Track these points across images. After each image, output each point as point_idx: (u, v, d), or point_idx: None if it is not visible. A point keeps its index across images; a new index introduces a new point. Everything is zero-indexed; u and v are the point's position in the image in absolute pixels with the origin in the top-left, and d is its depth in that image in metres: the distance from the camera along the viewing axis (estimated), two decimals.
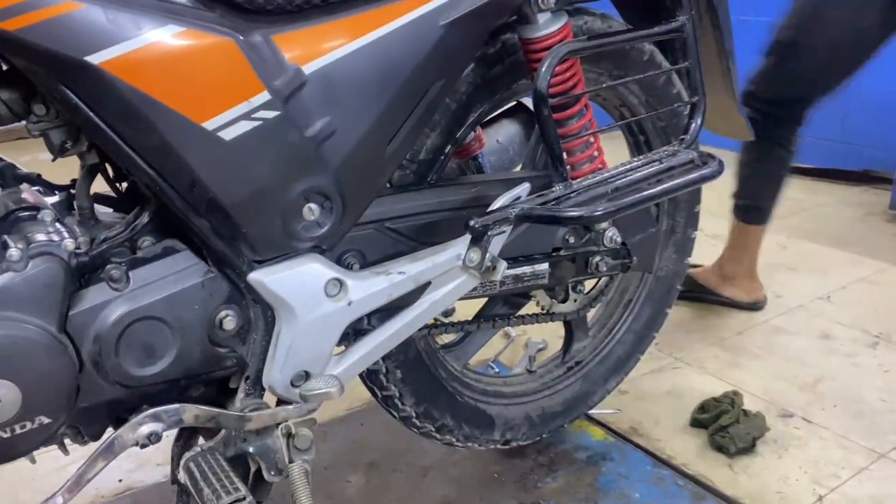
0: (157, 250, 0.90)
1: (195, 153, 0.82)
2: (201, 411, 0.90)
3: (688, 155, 1.14)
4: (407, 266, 1.01)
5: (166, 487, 1.39)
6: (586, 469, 1.47)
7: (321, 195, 0.90)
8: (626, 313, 1.53)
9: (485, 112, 1.20)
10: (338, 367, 0.98)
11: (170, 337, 0.88)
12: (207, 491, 0.84)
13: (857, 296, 2.22)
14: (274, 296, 0.91)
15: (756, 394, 1.72)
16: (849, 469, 1.48)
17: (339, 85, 0.88)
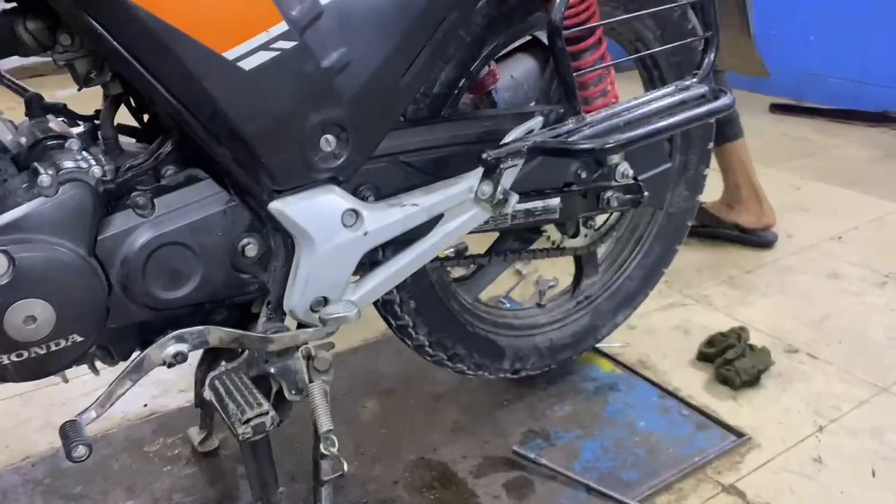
0: (180, 179, 0.93)
1: (216, 83, 0.84)
2: (225, 333, 0.94)
3: (700, 89, 1.15)
4: (420, 198, 1.04)
5: (190, 411, 1.45)
6: (593, 399, 1.52)
7: (337, 126, 0.92)
8: (636, 249, 1.56)
9: (499, 46, 1.21)
10: (354, 294, 1.02)
11: (194, 262, 0.92)
12: (232, 406, 0.89)
13: (868, 236, 2.23)
14: (293, 224, 0.94)
15: (763, 330, 1.75)
16: (850, 402, 1.52)
17: (354, 16, 0.89)
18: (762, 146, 3.01)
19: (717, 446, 1.39)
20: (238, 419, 0.87)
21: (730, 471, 1.34)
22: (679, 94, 1.16)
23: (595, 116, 1.09)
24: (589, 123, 1.08)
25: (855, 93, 3.35)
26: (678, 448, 1.39)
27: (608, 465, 1.34)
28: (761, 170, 2.76)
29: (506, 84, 1.40)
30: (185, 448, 1.40)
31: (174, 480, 1.33)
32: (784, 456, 1.37)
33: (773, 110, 3.44)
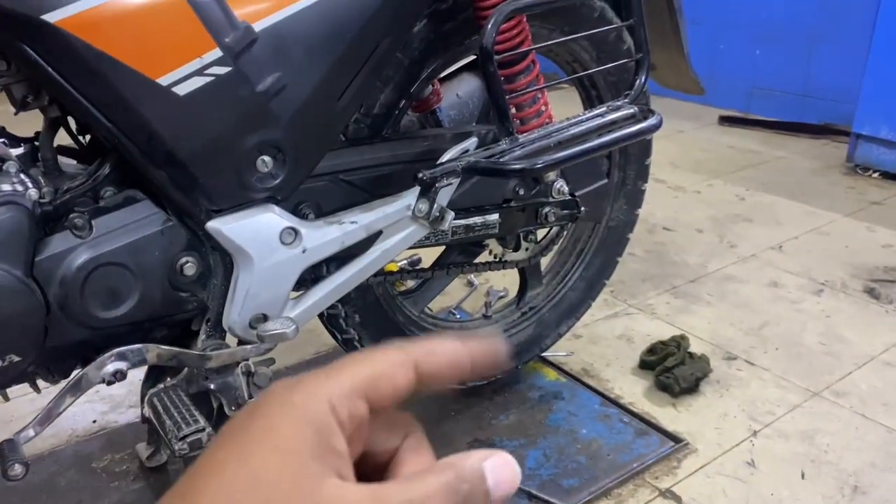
0: (118, 200, 0.95)
1: (151, 108, 0.87)
2: (164, 351, 0.96)
3: (629, 109, 1.20)
4: (359, 216, 1.07)
5: (138, 427, 1.46)
6: (538, 407, 1.56)
7: (274, 148, 0.95)
8: (578, 261, 1.61)
9: (438, 67, 1.25)
10: (294, 310, 1.04)
11: (132, 282, 0.94)
12: (169, 423, 0.91)
13: (808, 246, 2.31)
14: (231, 243, 0.97)
15: (703, 337, 1.81)
16: (783, 407, 1.58)
17: (288, 41, 0.92)
18: (710, 157, 3.11)
19: (655, 452, 1.44)
20: (174, 436, 0.89)
21: (667, 475, 1.39)
22: (610, 114, 1.20)
23: (528, 137, 1.14)
24: (521, 144, 1.12)
25: (799, 106, 3.45)
26: (618, 454, 1.43)
27: (550, 473, 1.38)
28: (708, 180, 2.85)
29: (451, 103, 1.44)
30: (133, 464, 1.41)
31: (122, 496, 1.33)
32: (719, 460, 1.43)
33: (722, 122, 3.53)
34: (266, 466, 0.30)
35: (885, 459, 1.42)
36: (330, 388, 0.32)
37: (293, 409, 0.32)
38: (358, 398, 0.33)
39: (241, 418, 0.33)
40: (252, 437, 0.31)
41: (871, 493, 1.34)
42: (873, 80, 2.74)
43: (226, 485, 0.30)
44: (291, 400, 0.32)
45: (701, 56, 1.61)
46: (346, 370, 0.33)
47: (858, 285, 2.07)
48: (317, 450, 0.31)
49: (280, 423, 0.31)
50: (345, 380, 0.33)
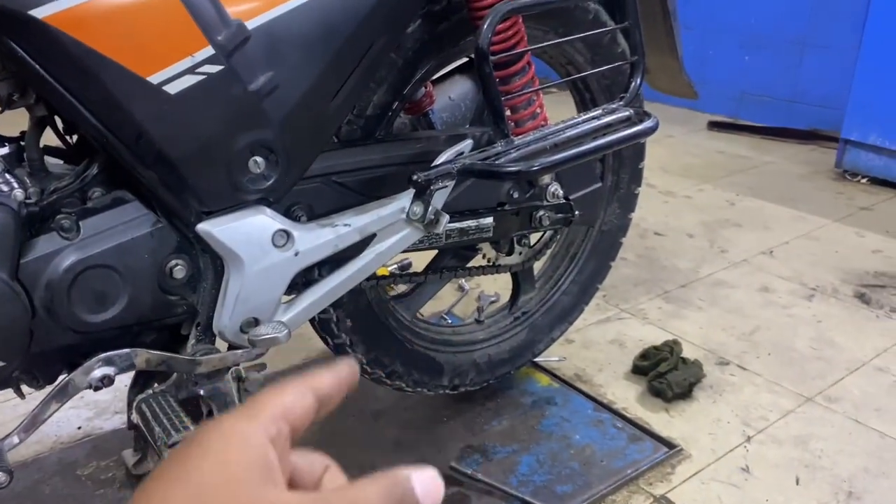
0: (106, 201, 0.92)
1: (141, 107, 0.85)
2: (152, 355, 0.94)
3: (625, 112, 1.19)
4: (353, 218, 1.05)
5: (124, 433, 1.44)
6: (530, 413, 1.55)
7: (266, 149, 0.93)
8: (571, 265, 1.60)
9: (432, 69, 1.23)
10: (286, 314, 1.02)
11: (120, 284, 0.91)
12: (158, 430, 0.89)
13: (798, 251, 2.32)
14: (222, 246, 0.95)
15: (695, 343, 1.80)
16: (777, 412, 1.57)
17: (282, 40, 0.90)
18: (700, 163, 3.11)
19: (649, 458, 1.43)
20: (164, 442, 0.87)
21: (661, 482, 1.38)
22: (605, 116, 1.20)
23: (523, 139, 1.12)
24: (517, 146, 1.10)
25: (788, 111, 3.47)
26: (612, 460, 1.42)
27: (543, 479, 1.37)
28: (698, 185, 2.85)
29: (443, 105, 1.43)
30: (119, 471, 1.38)
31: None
32: (713, 466, 1.42)
33: (711, 128, 3.54)
34: (212, 480, 0.33)
35: (878, 465, 1.42)
36: (256, 413, 0.36)
37: (228, 431, 0.35)
38: (281, 421, 0.36)
39: (181, 448, 0.35)
40: (192, 456, 0.34)
41: (864, 498, 1.34)
42: (862, 87, 2.76)
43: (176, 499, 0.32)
44: (223, 426, 0.35)
45: (691, 61, 1.60)
46: (261, 403, 0.37)
47: (849, 290, 2.07)
48: (256, 463, 0.34)
49: (218, 443, 0.34)
50: (266, 407, 0.37)
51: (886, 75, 2.68)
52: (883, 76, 2.69)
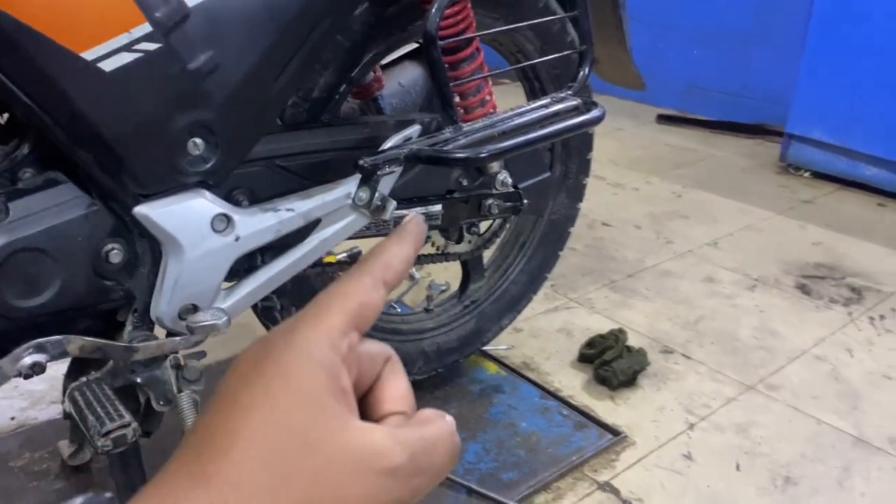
0: (38, 182, 0.89)
1: (74, 84, 0.82)
2: (87, 342, 0.91)
3: (573, 101, 1.19)
4: (296, 203, 1.03)
5: (60, 424, 1.39)
6: (478, 401, 1.55)
7: (206, 130, 0.90)
8: (520, 255, 1.60)
9: (380, 53, 1.22)
10: (226, 301, 1.00)
11: (52, 269, 0.88)
12: (92, 418, 0.86)
13: (743, 242, 2.36)
14: (160, 230, 0.92)
15: (641, 331, 1.83)
16: (719, 400, 1.60)
17: (222, 19, 0.88)
18: (648, 155, 3.15)
19: (594, 445, 1.44)
20: (97, 432, 0.84)
21: (605, 468, 1.39)
22: (553, 105, 1.20)
23: (472, 126, 1.12)
24: (465, 133, 1.10)
25: (735, 106, 3.53)
26: (557, 448, 1.43)
27: (489, 467, 1.37)
28: (646, 177, 2.89)
29: (393, 91, 1.41)
30: (54, 462, 1.34)
31: (41, 496, 1.27)
32: (657, 453, 1.44)
33: (660, 121, 3.59)
34: (295, 410, 0.31)
35: (815, 450, 1.46)
36: (327, 328, 0.34)
37: (301, 352, 0.33)
38: (352, 331, 0.35)
39: (249, 362, 0.33)
40: (271, 382, 0.32)
41: (801, 483, 1.37)
42: (806, 83, 2.82)
43: (258, 430, 0.30)
44: (296, 343, 0.33)
45: (640, 55, 1.61)
46: (333, 307, 0.35)
47: (790, 281, 2.12)
48: (333, 391, 0.32)
49: (294, 367, 0.32)
50: (337, 317, 0.34)
51: (830, 72, 2.74)
52: (826, 73, 2.75)
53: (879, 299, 2.04)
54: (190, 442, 0.32)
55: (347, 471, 0.31)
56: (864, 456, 1.45)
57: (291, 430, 0.31)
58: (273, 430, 0.30)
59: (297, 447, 0.30)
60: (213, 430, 0.31)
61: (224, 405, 0.32)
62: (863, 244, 2.38)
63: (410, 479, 0.33)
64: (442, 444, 0.35)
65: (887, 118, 2.63)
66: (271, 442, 0.30)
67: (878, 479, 1.39)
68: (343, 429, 0.32)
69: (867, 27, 2.61)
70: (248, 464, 0.30)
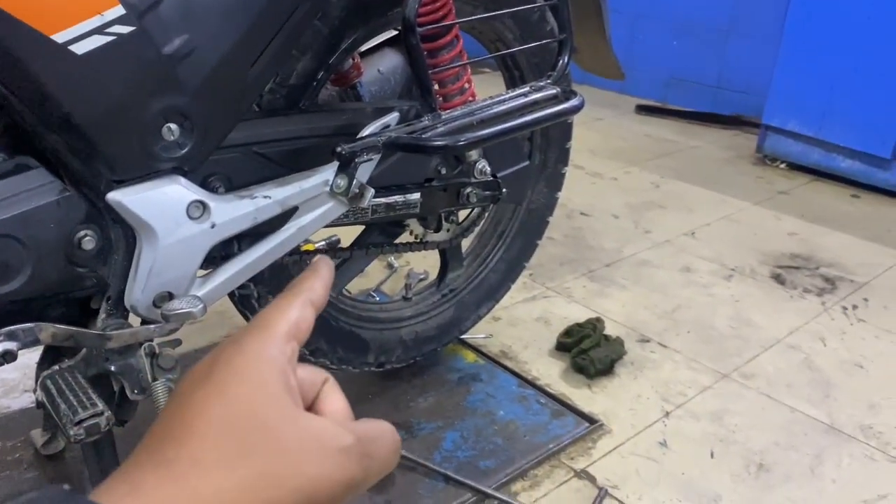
0: (8, 167, 0.87)
1: (45, 67, 0.80)
2: (59, 330, 0.90)
3: (552, 90, 1.19)
4: (273, 190, 1.02)
5: (33, 413, 1.38)
6: (456, 389, 1.55)
7: (181, 115, 0.89)
8: (499, 243, 1.60)
9: (359, 39, 1.21)
10: (202, 289, 0.99)
11: (23, 255, 0.86)
12: (64, 407, 0.85)
13: (719, 232, 2.38)
14: (134, 216, 0.91)
15: (618, 320, 1.84)
16: (695, 388, 1.62)
17: (197, 2, 0.86)
18: (627, 146, 3.16)
19: (571, 433, 1.45)
20: (70, 420, 0.83)
21: (582, 456, 1.40)
22: (533, 94, 1.19)
23: (450, 114, 1.11)
24: (444, 120, 1.09)
25: (713, 97, 3.56)
26: (535, 435, 1.43)
27: (467, 455, 1.37)
28: (625, 168, 2.90)
29: (372, 78, 1.40)
30: (27, 451, 1.32)
31: (14, 486, 1.25)
32: (633, 440, 1.45)
33: (639, 112, 3.60)
34: (249, 398, 0.33)
35: (787, 438, 1.48)
36: (273, 335, 0.37)
37: (251, 355, 0.36)
38: (292, 340, 0.38)
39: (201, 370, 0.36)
40: (225, 378, 0.34)
41: (774, 470, 1.39)
42: (783, 75, 2.84)
43: (216, 419, 0.32)
44: (245, 349, 0.36)
45: (619, 45, 1.62)
46: (275, 319, 0.38)
47: (766, 271, 2.14)
48: (284, 386, 0.35)
49: (246, 366, 0.35)
50: (280, 327, 0.38)
51: (806, 65, 2.77)
52: (802, 65, 2.78)
53: (852, 289, 2.07)
54: (151, 436, 0.34)
55: (304, 448, 0.33)
56: (836, 443, 1.47)
57: (247, 413, 0.33)
58: (228, 416, 0.33)
59: (253, 427, 0.32)
60: (171, 424, 0.33)
61: (179, 403, 0.34)
62: (837, 235, 2.41)
63: (361, 460, 0.35)
64: (385, 437, 0.38)
65: (862, 110, 2.66)
66: (227, 425, 0.32)
67: (848, 465, 1.41)
68: (295, 416, 0.34)
69: (844, 20, 2.63)
70: (206, 444, 0.32)
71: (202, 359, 0.37)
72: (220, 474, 0.31)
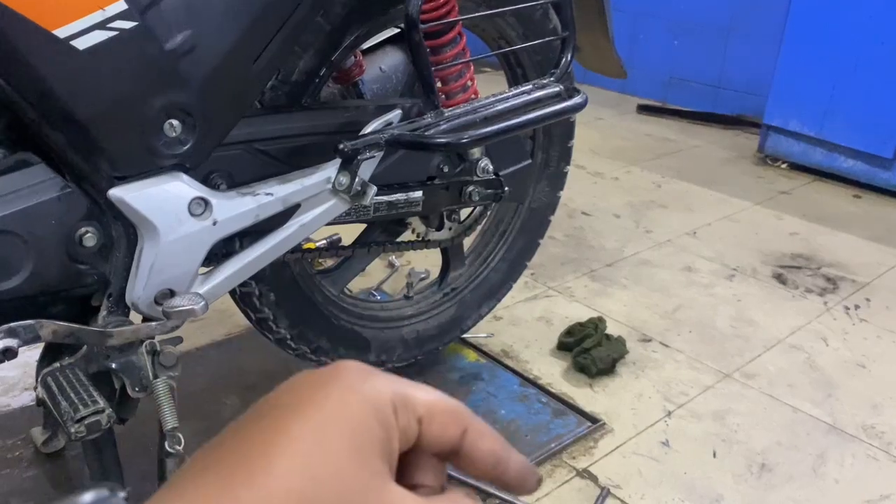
0: (9, 163, 0.87)
1: (47, 63, 0.79)
2: (60, 327, 0.89)
3: (555, 88, 1.19)
4: (275, 187, 1.02)
5: (33, 411, 1.37)
6: (457, 388, 1.55)
7: (183, 111, 0.89)
8: (500, 242, 1.59)
9: (361, 36, 1.20)
10: (203, 286, 0.99)
11: (24, 252, 0.86)
12: (65, 405, 0.84)
13: (721, 232, 2.38)
14: (135, 213, 0.90)
15: (620, 320, 1.83)
16: (696, 388, 1.61)
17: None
18: (629, 145, 3.16)
19: (572, 432, 1.44)
20: (70, 418, 0.83)
21: (584, 455, 1.39)
22: (536, 92, 1.19)
23: (453, 111, 1.11)
24: (447, 118, 1.09)
25: (714, 97, 3.55)
26: (536, 435, 1.43)
27: None
28: (626, 167, 2.89)
29: (374, 76, 1.40)
30: (27, 449, 1.32)
31: (14, 484, 1.25)
32: (635, 440, 1.44)
33: (640, 111, 3.60)
34: (342, 457, 0.30)
35: (790, 438, 1.47)
36: (396, 391, 0.33)
37: (364, 399, 0.31)
38: (415, 418, 0.33)
39: (309, 388, 0.32)
40: (326, 419, 0.30)
41: (776, 470, 1.38)
42: (783, 75, 2.84)
43: (300, 467, 0.29)
44: (362, 389, 0.32)
45: (620, 45, 1.61)
46: (412, 386, 0.34)
47: (767, 271, 2.14)
48: (382, 448, 0.31)
49: (353, 412, 0.31)
50: (411, 392, 0.33)
51: (807, 64, 2.76)
52: (803, 65, 2.77)
53: (854, 289, 2.07)
54: (223, 451, 0.30)
55: None
56: (839, 443, 1.47)
57: (333, 476, 0.29)
58: (315, 471, 0.29)
59: (333, 495, 0.29)
60: (252, 452, 0.29)
61: (269, 426, 0.30)
62: (838, 235, 2.41)
63: None
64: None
65: (864, 110, 2.66)
66: (309, 483, 0.29)
67: (851, 465, 1.41)
68: (381, 490, 0.31)
69: (845, 19, 2.63)
70: (280, 499, 0.28)
71: (321, 369, 0.33)
72: None
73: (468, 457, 0.35)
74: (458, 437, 0.35)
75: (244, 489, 0.28)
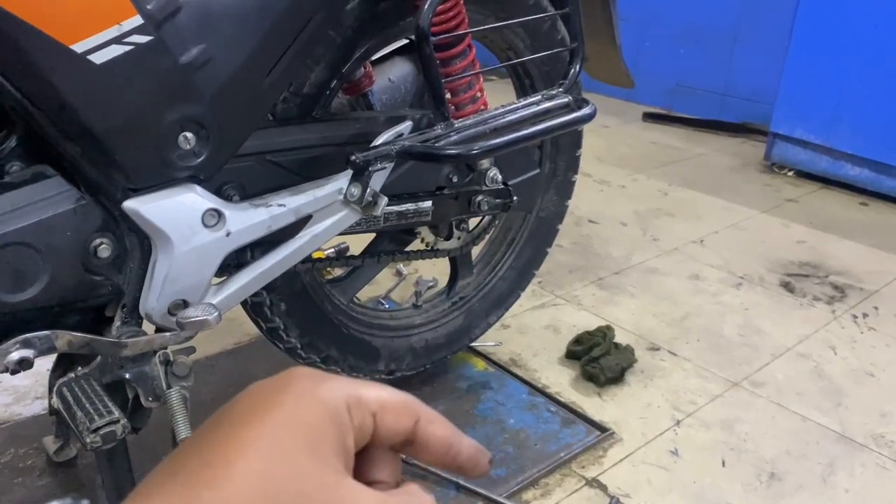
0: (25, 175, 0.88)
1: (64, 76, 0.81)
2: (75, 337, 0.90)
3: (564, 98, 1.19)
4: (288, 199, 1.03)
5: (45, 420, 1.38)
6: (466, 397, 1.55)
7: (197, 124, 0.90)
8: (508, 251, 1.60)
9: (372, 48, 1.21)
10: (216, 297, 0.99)
11: (40, 263, 0.87)
12: (80, 415, 0.85)
13: (728, 240, 2.38)
14: (150, 224, 0.91)
15: (628, 328, 1.83)
16: (705, 396, 1.61)
17: (215, 12, 0.87)
18: (634, 153, 3.16)
19: (581, 441, 1.44)
20: (86, 428, 0.83)
21: (593, 465, 1.40)
22: (544, 102, 1.20)
23: (463, 123, 1.12)
24: (457, 129, 1.10)
25: (720, 105, 3.56)
26: (545, 444, 1.43)
27: None
28: (632, 175, 2.90)
29: (383, 86, 1.41)
30: (39, 458, 1.32)
31: (26, 493, 1.25)
32: (644, 449, 1.45)
33: (646, 119, 3.61)
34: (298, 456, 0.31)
35: (799, 447, 1.47)
36: (349, 391, 0.34)
37: (318, 401, 0.33)
38: (369, 414, 0.35)
39: (264, 395, 0.33)
40: (281, 422, 0.32)
41: (786, 479, 1.38)
42: (790, 83, 2.84)
43: (256, 466, 0.30)
44: (315, 392, 0.33)
45: (627, 53, 1.62)
46: (364, 385, 0.35)
47: (775, 279, 2.14)
48: (338, 446, 0.33)
49: (307, 414, 0.33)
50: (363, 390, 0.35)
51: (813, 72, 2.77)
52: (810, 73, 2.78)
53: (862, 297, 2.06)
54: (185, 457, 0.32)
55: None
56: (848, 452, 1.47)
57: (291, 475, 0.31)
58: (273, 472, 0.31)
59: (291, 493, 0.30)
60: (211, 457, 0.31)
61: (227, 433, 0.32)
62: (846, 243, 2.41)
63: None
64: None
65: (870, 118, 2.66)
66: (269, 483, 0.30)
67: (861, 475, 1.41)
68: (338, 486, 0.32)
69: (851, 27, 2.63)
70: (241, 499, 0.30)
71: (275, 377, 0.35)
72: None
73: (422, 445, 0.37)
74: (412, 427, 0.36)
75: (207, 491, 0.30)
